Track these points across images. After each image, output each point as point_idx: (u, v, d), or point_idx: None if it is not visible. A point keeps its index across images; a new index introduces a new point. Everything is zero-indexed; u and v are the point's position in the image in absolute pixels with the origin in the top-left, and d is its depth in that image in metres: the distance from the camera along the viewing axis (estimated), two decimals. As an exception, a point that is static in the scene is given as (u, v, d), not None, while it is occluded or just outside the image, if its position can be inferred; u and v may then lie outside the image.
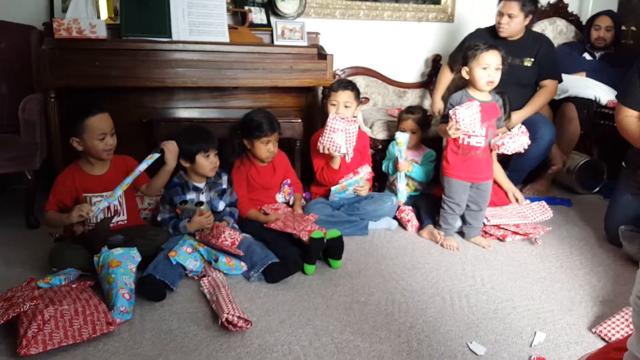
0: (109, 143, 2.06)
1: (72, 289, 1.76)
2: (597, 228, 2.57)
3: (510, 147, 2.23)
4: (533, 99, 2.93)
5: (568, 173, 3.16)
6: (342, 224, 2.43)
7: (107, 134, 2.05)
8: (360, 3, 3.47)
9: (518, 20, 2.82)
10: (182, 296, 1.87)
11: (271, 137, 2.40)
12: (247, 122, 2.41)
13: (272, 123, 2.41)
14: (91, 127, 2.01)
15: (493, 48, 2.22)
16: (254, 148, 2.41)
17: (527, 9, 2.81)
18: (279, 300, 1.85)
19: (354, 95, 2.60)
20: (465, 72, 2.26)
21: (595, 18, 3.51)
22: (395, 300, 1.87)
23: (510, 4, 2.80)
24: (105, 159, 2.12)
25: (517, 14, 2.80)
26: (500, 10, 2.86)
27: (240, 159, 2.46)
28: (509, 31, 2.87)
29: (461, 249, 2.31)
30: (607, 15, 3.47)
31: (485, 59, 2.20)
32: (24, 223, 2.47)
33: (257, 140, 2.39)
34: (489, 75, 2.21)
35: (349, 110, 2.59)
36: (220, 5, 2.84)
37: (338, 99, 2.57)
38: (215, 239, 2.04)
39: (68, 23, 2.55)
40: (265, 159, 2.45)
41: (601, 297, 1.92)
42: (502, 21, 2.84)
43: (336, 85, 2.61)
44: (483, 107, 2.22)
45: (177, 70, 2.65)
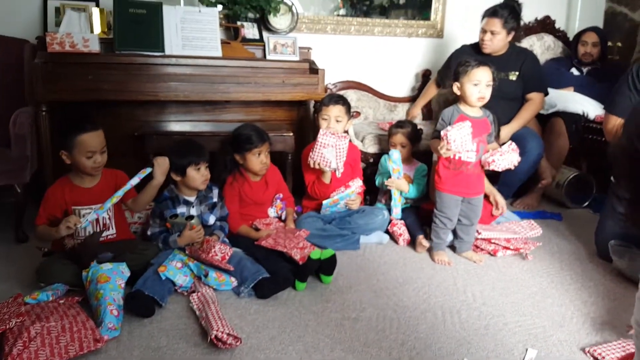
0: (97, 161, 2.05)
1: (60, 305, 1.74)
2: (587, 243, 2.59)
3: (501, 164, 2.24)
4: (520, 113, 2.96)
5: (557, 187, 3.18)
6: (333, 238, 2.43)
7: (96, 152, 2.04)
8: (351, 19, 3.51)
9: (500, 37, 2.88)
10: (171, 312, 1.85)
11: (262, 148, 2.40)
12: (237, 137, 2.42)
13: (260, 134, 2.41)
14: (81, 144, 2.01)
15: (484, 64, 2.24)
16: (247, 162, 2.41)
17: (509, 26, 2.87)
18: (270, 317, 1.84)
19: (345, 110, 2.62)
20: (457, 87, 2.28)
21: (582, 34, 3.57)
22: (386, 316, 1.87)
23: (492, 21, 2.86)
24: (93, 175, 2.11)
25: (500, 30, 2.86)
26: (483, 27, 2.92)
27: (233, 175, 2.45)
28: (491, 47, 2.92)
29: (452, 264, 2.32)
30: (593, 32, 3.53)
31: (476, 75, 2.22)
32: (13, 237, 2.45)
33: (248, 152, 2.39)
34: (480, 91, 2.23)
35: (340, 124, 2.60)
36: (213, 21, 2.86)
37: (329, 114, 2.59)
38: (206, 253, 2.02)
39: (61, 37, 2.55)
40: (259, 171, 2.44)
41: (592, 313, 1.93)
42: (485, 38, 2.90)
43: (327, 99, 2.63)
44: (474, 123, 2.23)
45: (169, 84, 2.65)
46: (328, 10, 3.49)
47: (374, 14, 3.60)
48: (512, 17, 2.86)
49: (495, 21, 2.85)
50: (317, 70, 2.90)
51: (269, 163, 2.47)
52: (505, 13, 2.85)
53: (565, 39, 3.91)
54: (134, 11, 2.72)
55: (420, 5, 3.68)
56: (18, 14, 2.90)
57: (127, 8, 2.71)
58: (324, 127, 2.59)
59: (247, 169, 2.45)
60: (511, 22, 2.86)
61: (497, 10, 2.87)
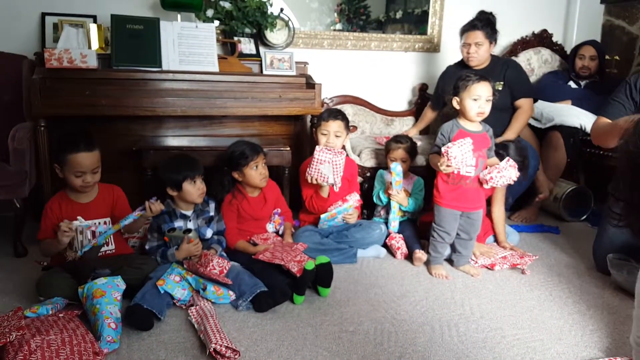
0: (85, 180, 2.05)
1: (59, 319, 1.74)
2: (585, 256, 2.59)
3: (499, 181, 2.25)
4: (513, 122, 2.99)
5: (555, 201, 3.19)
6: (330, 252, 2.42)
7: (86, 173, 2.04)
8: (348, 34, 3.54)
9: (485, 48, 2.95)
10: (170, 326, 1.84)
11: (258, 160, 2.41)
12: (231, 155, 2.42)
13: (254, 147, 2.43)
14: (72, 163, 2.01)
15: (484, 79, 2.24)
16: (246, 176, 2.41)
17: (490, 36, 2.95)
18: (268, 330, 1.83)
19: (344, 125, 2.63)
20: (456, 102, 2.28)
21: (579, 48, 3.60)
22: (384, 329, 1.86)
23: (475, 33, 2.94)
24: (83, 192, 2.11)
25: (483, 41, 2.93)
26: (465, 41, 2.98)
27: (232, 193, 2.45)
28: (478, 59, 2.98)
29: (450, 278, 2.31)
30: (590, 45, 3.56)
31: (476, 90, 2.22)
32: (12, 251, 2.45)
33: (245, 167, 2.39)
34: (480, 106, 2.23)
35: (339, 139, 2.62)
36: (210, 36, 2.89)
37: (329, 129, 2.60)
38: (204, 267, 2.02)
39: (59, 53, 2.57)
40: (259, 183, 2.44)
41: (591, 326, 1.92)
42: (471, 50, 2.96)
43: (326, 115, 2.64)
44: (473, 138, 2.24)
45: (166, 100, 2.67)
46: (324, 25, 3.53)
47: (370, 28, 3.64)
48: (491, 28, 2.96)
49: (477, 33, 2.93)
50: (314, 85, 2.92)
51: (267, 173, 2.47)
52: (484, 24, 2.94)
53: (562, 52, 3.95)
54: (131, 27, 2.75)
55: (417, 20, 3.72)
56: (16, 30, 2.93)
57: (124, 24, 2.74)
58: (323, 142, 2.61)
59: (247, 184, 2.45)
60: (491, 32, 2.96)
61: (476, 23, 2.96)
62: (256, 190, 2.49)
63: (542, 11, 3.94)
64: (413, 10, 3.74)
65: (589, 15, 3.95)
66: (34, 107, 2.46)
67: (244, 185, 2.46)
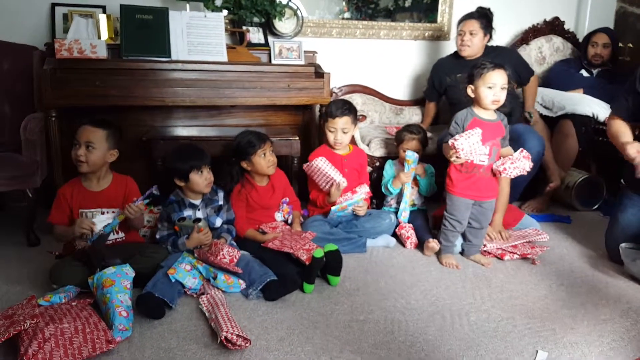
0: (77, 152, 2.06)
1: (72, 307, 1.76)
2: (597, 246, 2.56)
3: (512, 172, 2.23)
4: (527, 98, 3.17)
5: (567, 190, 3.16)
6: (340, 242, 2.42)
7: (80, 144, 2.06)
8: (357, 22, 3.52)
9: (479, 38, 2.99)
10: (181, 314, 1.85)
11: (265, 147, 2.41)
12: (238, 145, 2.42)
13: (260, 135, 2.43)
14: (76, 134, 2.09)
15: (499, 67, 2.21)
16: (255, 165, 2.42)
17: (485, 28, 3.00)
18: (278, 318, 1.84)
19: (351, 120, 2.61)
20: (471, 90, 2.25)
21: (592, 35, 3.54)
22: (394, 318, 1.86)
23: (470, 22, 2.99)
24: (80, 171, 2.11)
25: (477, 30, 2.98)
26: (460, 29, 3.03)
27: (241, 183, 2.45)
28: (471, 49, 3.01)
29: (461, 267, 2.30)
30: (604, 33, 3.50)
31: (491, 78, 2.19)
32: (25, 241, 2.47)
33: (254, 155, 2.40)
34: (495, 94, 2.20)
35: (347, 135, 2.61)
36: (218, 26, 2.88)
37: (336, 126, 2.59)
38: (214, 256, 2.03)
39: (69, 43, 2.57)
40: (268, 170, 2.44)
41: (603, 315, 1.91)
42: (465, 38, 3.00)
43: (334, 110, 2.60)
44: (488, 126, 2.22)
45: (176, 90, 2.67)
46: (333, 14, 3.50)
47: (379, 17, 3.61)
48: (487, 21, 3.00)
49: (473, 22, 2.98)
50: (323, 74, 2.90)
51: (275, 161, 2.48)
52: (481, 16, 2.99)
53: (574, 40, 3.89)
54: (140, 17, 2.75)
55: (427, 8, 3.68)
56: (27, 22, 2.93)
57: (133, 14, 2.74)
58: (332, 139, 2.61)
59: (256, 172, 2.45)
60: (487, 25, 3.00)
61: (473, 13, 3.03)
62: (264, 179, 2.49)
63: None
64: (422, -2, 3.70)
65: (602, 1, 3.88)
66: (44, 97, 2.47)
67: (252, 174, 2.46)
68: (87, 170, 2.10)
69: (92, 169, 2.11)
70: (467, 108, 2.31)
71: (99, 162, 2.11)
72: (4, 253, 2.37)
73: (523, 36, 3.80)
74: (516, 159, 2.24)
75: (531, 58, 3.77)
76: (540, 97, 3.37)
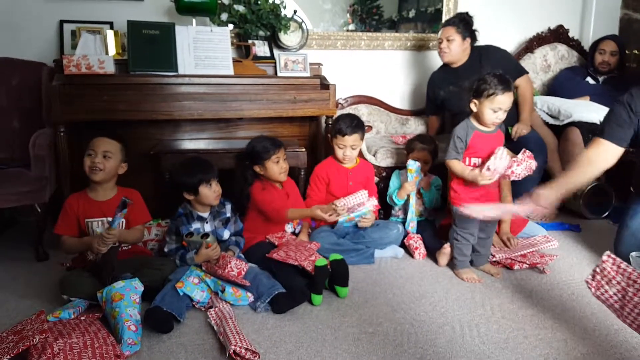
0: (93, 161, 2.11)
1: (81, 322, 1.76)
2: (607, 253, 2.54)
3: (520, 173, 2.18)
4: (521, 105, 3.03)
5: (576, 198, 3.14)
6: (348, 253, 2.41)
7: (96, 154, 2.11)
8: (361, 34, 3.54)
9: (457, 43, 3.01)
10: (190, 328, 1.85)
11: (279, 154, 2.43)
12: (252, 150, 2.44)
13: (274, 141, 2.45)
14: (89, 145, 2.13)
15: (508, 90, 2.16)
16: (268, 170, 2.43)
17: (462, 32, 3.01)
18: (287, 332, 1.83)
19: (360, 137, 2.62)
20: (474, 105, 2.21)
21: (599, 42, 3.53)
22: (404, 330, 1.85)
23: (446, 29, 3.03)
24: (92, 179, 2.13)
25: (454, 36, 3.00)
26: (439, 37, 3.06)
27: (260, 182, 2.46)
28: (450, 55, 3.03)
29: (482, 281, 2.26)
30: (612, 40, 3.49)
31: (499, 102, 2.15)
32: (33, 256, 2.48)
33: (267, 160, 2.41)
34: (498, 117, 2.18)
35: (355, 151, 2.62)
36: (224, 40, 2.90)
37: (346, 143, 2.60)
38: (222, 269, 2.03)
39: (77, 59, 2.60)
40: (279, 177, 2.45)
41: (615, 325, 1.89)
42: (442, 46, 3.04)
43: (344, 127, 2.58)
44: (489, 138, 2.22)
45: (183, 103, 2.69)
46: (337, 26, 3.53)
47: (383, 28, 3.63)
48: (464, 25, 3.01)
49: (449, 28, 3.01)
50: (328, 86, 2.92)
51: (287, 167, 2.49)
52: (457, 21, 3.01)
53: (579, 48, 3.89)
54: (147, 32, 2.77)
55: (430, 19, 3.70)
56: (35, 39, 2.98)
57: (140, 29, 2.77)
58: (340, 155, 2.62)
59: (268, 178, 2.46)
60: (463, 29, 3.00)
61: (449, 20, 3.07)
62: (277, 184, 2.51)
63: (558, 6, 3.89)
64: (426, 9, 3.72)
65: (607, 9, 3.88)
66: (53, 113, 2.50)
67: (265, 178, 2.47)
68: (102, 177, 2.13)
69: (106, 177, 2.15)
70: (465, 121, 2.28)
71: (113, 171, 2.16)
72: (13, 268, 2.38)
73: (527, 45, 3.80)
74: (521, 160, 2.19)
75: (536, 66, 3.78)
76: (546, 106, 3.36)
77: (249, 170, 2.46)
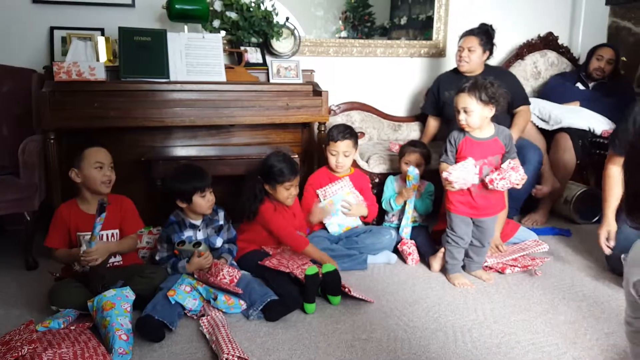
0: (106, 174, 2.11)
1: (71, 332, 1.75)
2: (597, 258, 2.56)
3: (499, 184, 2.16)
4: (515, 123, 3.01)
5: (566, 203, 3.16)
6: (341, 258, 2.41)
7: (104, 165, 2.10)
8: (353, 41, 3.55)
9: (477, 54, 2.99)
10: (182, 336, 1.84)
11: (293, 182, 2.39)
12: (269, 168, 2.37)
13: (293, 167, 2.39)
14: (89, 156, 2.09)
15: (461, 91, 2.20)
16: (277, 193, 2.39)
17: (484, 44, 3.00)
18: (279, 339, 1.82)
19: (352, 143, 2.62)
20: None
21: (599, 48, 3.53)
22: (397, 336, 1.85)
23: (469, 39, 2.99)
24: (103, 192, 2.12)
25: (476, 47, 2.98)
26: (460, 45, 3.04)
27: (271, 202, 2.40)
28: (469, 65, 3.01)
29: (474, 286, 2.27)
30: (610, 48, 3.49)
31: (456, 103, 2.21)
32: (23, 264, 2.46)
33: (280, 185, 2.37)
34: (460, 118, 2.20)
35: (348, 158, 2.62)
36: (216, 46, 2.90)
37: (338, 149, 2.60)
38: (214, 277, 2.02)
39: (68, 66, 2.59)
40: (286, 202, 2.42)
41: (606, 329, 1.90)
42: (463, 54, 3.01)
43: (335, 134, 2.60)
44: (480, 145, 2.22)
45: (175, 110, 2.68)
46: (330, 33, 3.54)
47: (375, 35, 3.65)
48: (487, 37, 3.00)
49: (472, 38, 2.98)
50: (321, 93, 2.92)
51: (297, 194, 2.45)
52: (481, 32, 2.99)
53: (568, 54, 3.93)
54: (138, 39, 2.77)
55: (422, 26, 3.72)
56: (26, 45, 2.96)
57: (132, 36, 2.76)
58: (333, 162, 2.62)
59: (274, 199, 2.43)
60: (486, 42, 3.00)
61: (473, 29, 3.03)
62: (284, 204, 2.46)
63: (547, 14, 3.93)
64: (417, 16, 3.74)
65: (595, 17, 3.93)
66: (43, 119, 2.48)
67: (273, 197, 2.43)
68: (109, 191, 2.14)
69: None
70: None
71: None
72: (1, 277, 2.35)
73: (518, 51, 3.84)
74: (503, 170, 2.17)
75: (527, 73, 3.81)
76: (537, 109, 3.38)
77: (259, 185, 2.39)
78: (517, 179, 2.17)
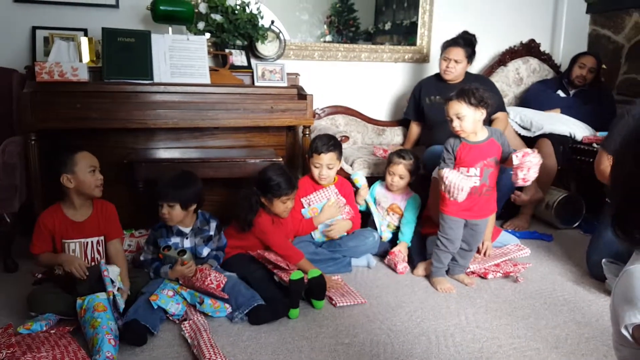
0: (99, 177, 2.09)
1: (51, 335, 1.72)
2: (578, 263, 2.60)
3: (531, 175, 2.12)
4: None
5: (547, 208, 3.20)
6: (325, 262, 2.41)
7: (96, 169, 2.09)
8: (338, 45, 3.56)
9: (462, 65, 3.08)
10: (163, 340, 1.82)
11: (290, 196, 2.37)
12: (266, 181, 2.34)
13: (290, 181, 2.36)
14: (82, 160, 2.06)
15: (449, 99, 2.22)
16: (273, 206, 2.36)
17: (469, 56, 3.08)
18: (262, 343, 1.81)
19: (336, 156, 2.60)
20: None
21: (581, 56, 3.56)
22: (380, 341, 1.85)
23: (456, 50, 3.05)
24: (97, 196, 2.10)
25: (462, 59, 3.06)
26: (446, 56, 3.08)
27: (269, 215, 2.38)
28: (454, 74, 3.09)
29: (455, 290, 2.28)
30: (592, 56, 3.53)
31: (448, 111, 2.22)
32: (2, 267, 2.41)
33: (277, 199, 2.35)
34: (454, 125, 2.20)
35: (332, 170, 2.60)
36: (201, 48, 2.89)
37: (322, 162, 2.57)
38: (200, 282, 2.01)
39: (50, 66, 2.56)
40: (281, 215, 2.39)
41: (586, 334, 1.93)
42: (450, 65, 3.07)
43: (319, 146, 2.57)
44: (476, 148, 2.22)
45: (158, 112, 2.65)
46: (315, 37, 3.55)
47: (360, 39, 3.67)
48: (472, 49, 3.08)
49: (459, 50, 3.04)
50: (306, 96, 2.92)
51: (292, 207, 2.43)
52: (466, 44, 3.05)
53: (550, 61, 3.99)
54: (122, 40, 2.74)
55: (406, 31, 3.75)
56: (6, 44, 2.91)
57: (115, 37, 2.73)
58: (316, 174, 2.59)
59: (269, 211, 2.40)
60: (471, 53, 3.08)
61: (459, 40, 3.07)
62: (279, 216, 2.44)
63: (529, 21, 3.99)
64: (402, 21, 3.77)
65: (576, 24, 4.00)
66: (24, 120, 2.44)
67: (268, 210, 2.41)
68: (101, 194, 2.13)
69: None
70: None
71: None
72: (-20, 280, 2.31)
73: (500, 58, 3.89)
74: (521, 163, 2.12)
75: (509, 79, 3.86)
76: (518, 117, 3.42)
77: (255, 197, 2.35)
78: (536, 159, 2.13)
